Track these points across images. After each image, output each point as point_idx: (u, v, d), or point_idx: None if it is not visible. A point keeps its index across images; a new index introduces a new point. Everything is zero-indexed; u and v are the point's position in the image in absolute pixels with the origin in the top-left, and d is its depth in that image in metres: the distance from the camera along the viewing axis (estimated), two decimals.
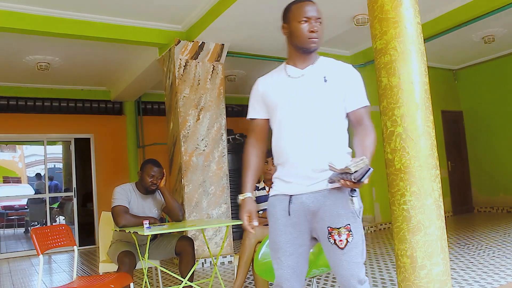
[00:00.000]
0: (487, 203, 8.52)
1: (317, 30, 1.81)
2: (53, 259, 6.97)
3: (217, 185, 5.60)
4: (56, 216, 9.42)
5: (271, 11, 4.33)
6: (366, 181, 1.53)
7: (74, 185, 8.11)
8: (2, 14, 4.66)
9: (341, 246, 1.73)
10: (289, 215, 1.82)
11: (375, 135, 1.82)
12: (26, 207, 9.76)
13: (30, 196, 9.81)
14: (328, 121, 1.80)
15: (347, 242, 1.73)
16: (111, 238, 3.64)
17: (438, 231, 2.55)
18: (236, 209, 2.09)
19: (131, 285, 3.00)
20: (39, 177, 9.74)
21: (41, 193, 9.33)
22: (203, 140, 5.59)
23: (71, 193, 8.21)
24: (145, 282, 3.38)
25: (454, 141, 8.73)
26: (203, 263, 5.30)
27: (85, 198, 9.40)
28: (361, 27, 5.49)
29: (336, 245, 1.74)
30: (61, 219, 9.51)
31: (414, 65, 2.61)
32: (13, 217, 10.02)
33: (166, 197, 3.54)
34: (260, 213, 3.51)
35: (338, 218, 1.75)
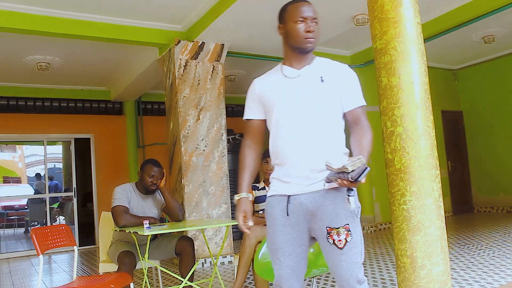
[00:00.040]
0: (487, 203, 8.52)
1: (313, 30, 1.82)
2: (53, 259, 6.97)
3: (217, 185, 5.61)
4: (56, 216, 9.42)
5: (271, 11, 4.29)
6: (363, 180, 1.53)
7: (74, 185, 8.12)
8: (2, 14, 4.66)
9: (340, 246, 1.73)
10: (287, 215, 1.82)
11: (372, 134, 1.82)
12: (26, 207, 9.76)
13: (30, 196, 9.81)
14: (326, 121, 1.81)
15: (346, 242, 1.73)
16: (111, 238, 3.64)
17: (438, 231, 2.55)
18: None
19: (131, 285, 3.00)
20: (39, 177, 9.73)
21: (40, 193, 9.33)
22: (203, 140, 5.59)
23: (71, 193, 8.22)
24: (145, 282, 3.38)
25: (454, 141, 8.73)
26: (203, 263, 5.30)
27: (85, 198, 9.40)
28: (361, 27, 5.49)
29: (335, 245, 1.74)
30: (61, 219, 9.51)
31: (414, 65, 2.61)
32: (13, 217, 10.02)
33: (166, 197, 3.54)
34: (260, 213, 3.51)
35: (337, 218, 1.75)
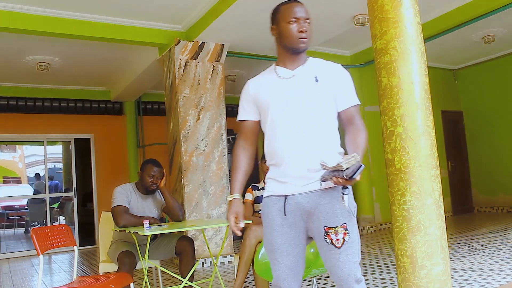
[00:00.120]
0: (487, 203, 8.52)
1: (306, 30, 1.83)
2: (53, 259, 6.97)
3: (217, 185, 5.61)
4: (56, 216, 9.42)
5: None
6: (358, 178, 1.53)
7: (74, 185, 8.12)
8: (2, 14, 4.66)
9: (338, 245, 1.73)
10: (285, 215, 1.82)
11: (366, 133, 1.83)
12: (26, 207, 9.75)
13: (30, 196, 9.81)
14: (321, 121, 1.81)
15: (344, 241, 1.73)
16: (111, 238, 3.64)
17: (438, 231, 2.55)
18: None
19: (131, 285, 3.00)
20: (38, 177, 9.73)
21: (40, 193, 9.33)
22: (203, 140, 5.59)
23: (71, 193, 8.22)
24: (145, 282, 3.38)
25: (454, 141, 8.73)
26: (203, 263, 5.30)
27: (85, 198, 9.40)
28: (361, 27, 5.49)
29: (332, 244, 1.74)
30: (61, 219, 9.51)
31: (414, 65, 2.62)
32: (13, 217, 10.02)
33: (166, 197, 3.54)
34: (260, 213, 3.51)
35: (334, 217, 1.75)
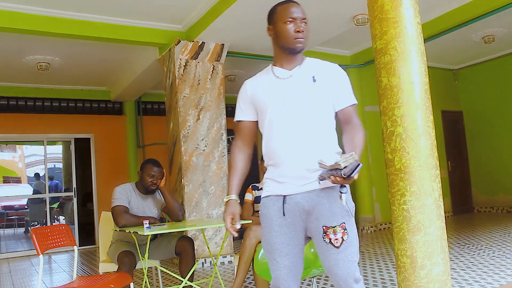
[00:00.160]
0: (487, 203, 8.52)
1: (303, 30, 1.83)
2: (53, 259, 6.97)
3: (217, 185, 5.60)
4: (56, 216, 9.41)
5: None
6: (355, 176, 1.54)
7: (74, 185, 8.12)
8: (2, 14, 4.66)
9: (337, 245, 1.73)
10: (283, 215, 1.82)
11: (364, 132, 1.84)
12: (26, 207, 9.75)
13: (30, 196, 9.81)
14: (319, 121, 1.82)
15: (343, 240, 1.73)
16: (111, 238, 3.64)
17: (438, 231, 2.55)
18: None
19: (131, 285, 3.00)
20: (38, 177, 9.72)
21: (40, 192, 9.33)
22: (203, 140, 5.59)
23: (71, 193, 8.22)
24: (145, 282, 3.38)
25: (454, 141, 8.73)
26: (203, 263, 5.30)
27: (85, 198, 9.41)
28: (361, 27, 5.49)
29: (331, 244, 1.73)
30: (61, 219, 9.51)
31: (414, 65, 2.61)
32: (13, 217, 10.02)
33: (166, 197, 3.54)
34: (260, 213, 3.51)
35: (333, 216, 1.75)
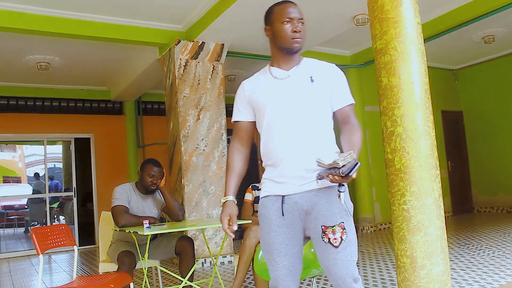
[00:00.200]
0: (487, 203, 8.52)
1: (300, 30, 1.83)
2: (53, 259, 6.97)
3: (217, 185, 5.60)
4: (55, 216, 9.42)
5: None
6: (354, 175, 1.54)
7: (74, 185, 8.11)
8: (2, 14, 4.66)
9: (336, 245, 1.73)
10: (282, 215, 1.82)
11: (361, 132, 1.84)
12: (26, 206, 9.76)
13: (30, 196, 9.81)
14: (317, 121, 1.82)
15: (342, 240, 1.73)
16: (111, 238, 3.64)
17: (438, 231, 2.55)
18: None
19: (131, 285, 3.00)
20: (37, 176, 9.72)
21: (40, 192, 9.33)
22: (203, 140, 5.59)
23: (71, 193, 8.22)
24: (145, 282, 3.38)
25: (454, 141, 8.73)
26: (203, 263, 5.30)
27: (85, 198, 9.41)
28: (361, 27, 5.49)
29: (330, 243, 1.73)
30: (61, 219, 9.51)
31: (414, 65, 2.61)
32: (13, 217, 10.02)
33: (166, 197, 3.54)
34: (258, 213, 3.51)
35: (332, 216, 1.75)
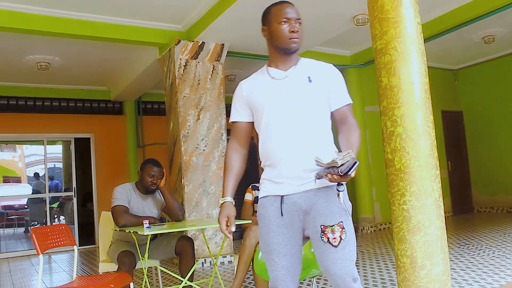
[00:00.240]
0: (487, 203, 8.52)
1: (298, 30, 1.83)
2: (53, 258, 6.97)
3: (217, 185, 5.60)
4: (56, 216, 9.41)
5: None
6: (352, 174, 1.54)
7: (74, 185, 8.11)
8: (2, 14, 4.66)
9: (335, 244, 1.73)
10: (281, 215, 1.82)
11: (359, 132, 1.84)
12: (26, 206, 9.76)
13: (30, 196, 9.81)
14: (315, 121, 1.82)
15: (341, 239, 1.73)
16: (111, 238, 3.64)
17: (438, 231, 2.55)
18: (236, 209, 2.08)
19: (131, 285, 3.00)
20: (37, 176, 9.72)
21: (39, 192, 9.33)
22: (203, 140, 5.59)
23: (71, 193, 8.22)
24: (145, 282, 3.38)
25: (454, 141, 8.73)
26: (203, 263, 5.30)
27: (85, 198, 9.40)
28: (361, 27, 5.49)
29: (329, 243, 1.73)
30: (61, 219, 9.51)
31: (414, 65, 2.61)
32: (13, 216, 10.02)
33: (166, 197, 3.54)
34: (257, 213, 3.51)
35: (331, 215, 1.75)
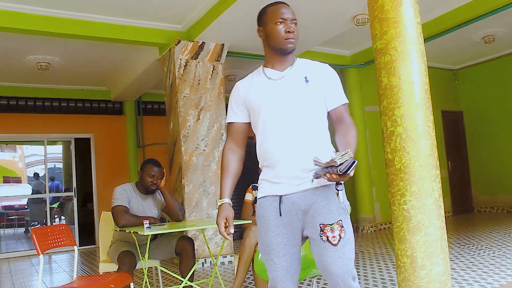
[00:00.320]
0: (487, 203, 8.52)
1: (293, 30, 1.84)
2: (53, 259, 6.97)
3: (217, 185, 5.60)
4: (56, 216, 9.41)
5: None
6: (351, 173, 1.55)
7: (74, 185, 8.12)
8: (2, 14, 4.66)
9: (334, 243, 1.73)
10: (280, 215, 1.82)
11: (356, 131, 1.84)
12: (26, 207, 9.76)
13: (30, 196, 9.81)
14: (311, 121, 1.82)
15: (340, 238, 1.73)
16: (111, 238, 3.65)
17: (438, 231, 2.55)
18: (236, 209, 2.08)
19: (131, 285, 3.00)
20: (37, 177, 9.71)
21: (39, 192, 9.33)
22: (203, 140, 5.59)
23: (71, 193, 8.22)
24: (145, 282, 3.38)
25: (454, 141, 8.73)
26: (203, 263, 5.30)
27: (85, 198, 9.40)
28: (361, 27, 5.49)
29: (329, 242, 1.73)
30: (62, 219, 9.50)
31: (414, 65, 2.61)
32: (13, 217, 10.02)
33: (166, 197, 3.54)
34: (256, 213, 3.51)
35: (330, 214, 1.75)
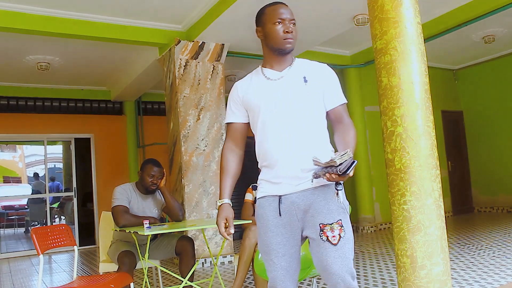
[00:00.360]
0: (487, 203, 8.52)
1: (292, 30, 1.84)
2: (53, 259, 6.97)
3: (217, 185, 5.60)
4: (56, 216, 9.41)
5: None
6: (351, 173, 1.55)
7: (74, 185, 8.12)
8: (2, 14, 4.66)
9: (334, 242, 1.72)
10: (280, 215, 1.82)
11: (355, 131, 1.84)
12: (26, 207, 9.76)
13: (30, 196, 9.81)
14: (310, 121, 1.82)
15: (340, 237, 1.73)
16: (111, 238, 3.65)
17: (438, 231, 2.55)
18: (236, 209, 2.08)
19: (131, 285, 3.00)
20: (37, 177, 9.71)
21: (39, 192, 9.33)
22: (203, 140, 5.59)
23: (71, 193, 8.22)
24: (145, 282, 3.38)
25: (454, 141, 8.73)
26: (203, 263, 5.30)
27: (85, 198, 9.40)
28: (361, 27, 5.49)
29: (329, 241, 1.73)
30: (62, 219, 9.50)
31: (414, 65, 2.61)
32: (13, 217, 10.02)
33: (166, 197, 3.54)
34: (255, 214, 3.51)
35: (329, 214, 1.75)
